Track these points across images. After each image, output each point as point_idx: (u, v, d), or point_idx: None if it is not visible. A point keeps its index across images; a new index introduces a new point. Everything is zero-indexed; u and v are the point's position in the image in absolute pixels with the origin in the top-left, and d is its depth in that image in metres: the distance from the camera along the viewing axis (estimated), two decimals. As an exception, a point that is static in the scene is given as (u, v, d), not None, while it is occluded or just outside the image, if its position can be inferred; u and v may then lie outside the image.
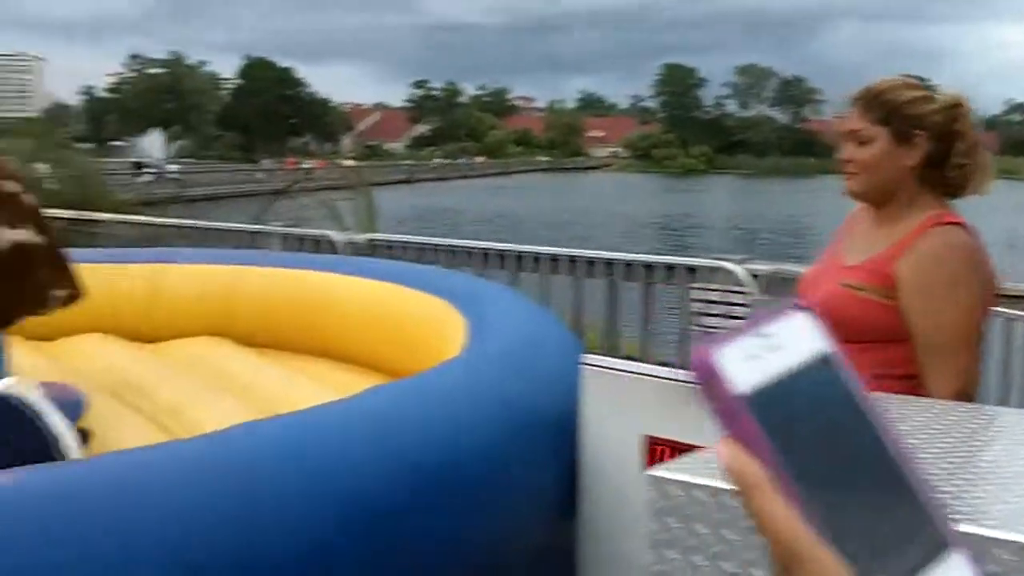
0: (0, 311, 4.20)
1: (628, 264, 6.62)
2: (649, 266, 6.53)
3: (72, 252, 4.66)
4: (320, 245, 7.34)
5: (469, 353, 3.83)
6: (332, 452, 2.74)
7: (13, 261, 4.24)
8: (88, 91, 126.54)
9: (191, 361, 5.51)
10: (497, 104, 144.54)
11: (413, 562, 2.82)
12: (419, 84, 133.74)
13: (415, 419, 3.03)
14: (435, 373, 3.55)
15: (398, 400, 3.20)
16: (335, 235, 7.49)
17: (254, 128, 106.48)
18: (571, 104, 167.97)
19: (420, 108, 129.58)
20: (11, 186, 4.31)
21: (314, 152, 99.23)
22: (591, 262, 6.78)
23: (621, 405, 3.30)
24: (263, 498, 2.52)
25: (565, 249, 7.03)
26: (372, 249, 7.28)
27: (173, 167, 46.93)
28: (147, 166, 41.53)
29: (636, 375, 3.34)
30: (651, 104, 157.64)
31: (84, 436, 3.72)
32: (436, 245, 7.50)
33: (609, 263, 6.70)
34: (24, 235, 4.29)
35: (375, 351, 5.37)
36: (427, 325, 4.88)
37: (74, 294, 4.56)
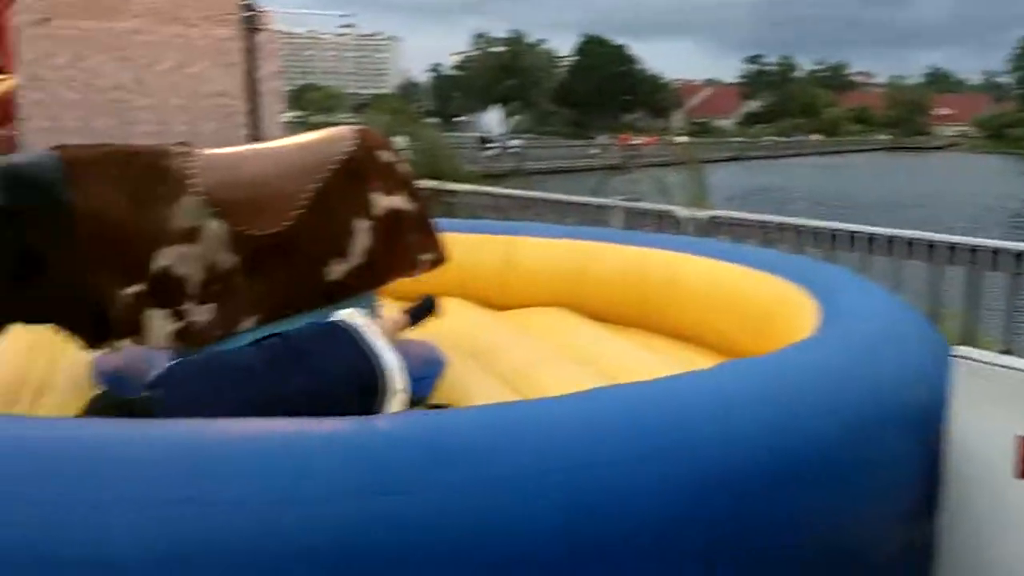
0: (374, 272, 4.57)
1: (995, 252, 6.17)
2: (1020, 255, 6.05)
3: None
4: (663, 220, 7.38)
5: (824, 336, 3.70)
6: (681, 423, 2.74)
7: (387, 226, 4.59)
8: (436, 69, 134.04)
9: (539, 329, 5.74)
10: (834, 80, 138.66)
11: (760, 544, 2.77)
12: (752, 59, 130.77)
13: (769, 397, 2.96)
14: (791, 351, 3.46)
15: (752, 376, 3.14)
16: (679, 210, 7.49)
17: (588, 104, 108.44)
18: (914, 80, 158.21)
19: (752, 84, 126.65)
20: (387, 156, 4.68)
21: (645, 128, 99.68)
22: (951, 248, 6.37)
23: (995, 403, 3.09)
24: (608, 464, 2.56)
25: (923, 232, 6.63)
26: (713, 226, 7.23)
27: (515, 142, 48.90)
28: (491, 141, 43.56)
29: (1015, 370, 3.10)
30: (1007, 80, 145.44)
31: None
32: (780, 224, 7.33)
33: (973, 249, 6.27)
34: (398, 202, 4.64)
35: (720, 332, 5.35)
36: (776, 308, 4.79)
37: (439, 259, 4.91)
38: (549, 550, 2.41)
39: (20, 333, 4.48)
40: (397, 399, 3.59)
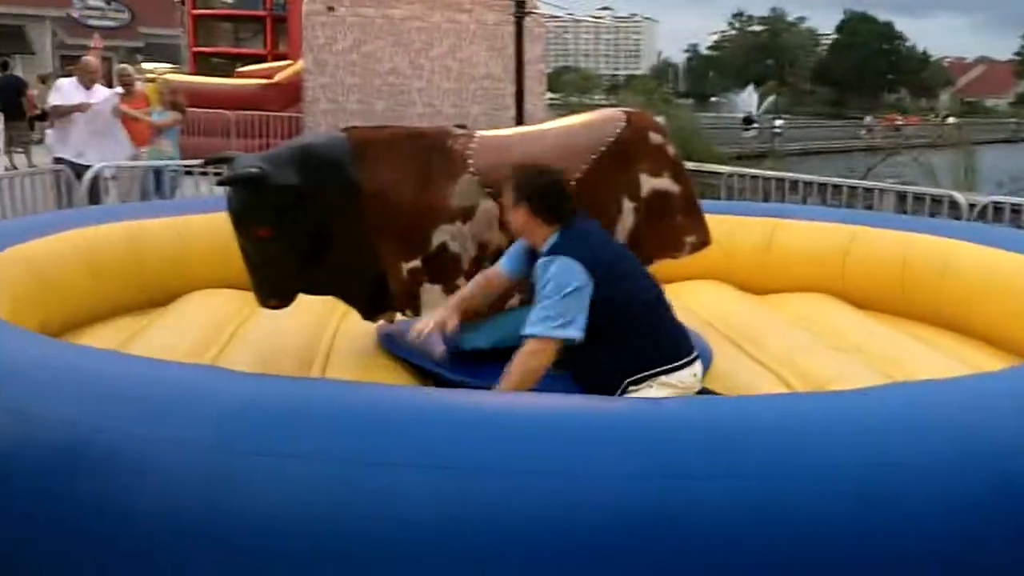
0: (639, 253, 4.57)
1: None
2: None
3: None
4: (940, 206, 7.00)
5: None
6: (982, 426, 2.58)
7: (653, 207, 4.62)
8: (693, 49, 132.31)
9: (802, 316, 5.60)
10: None
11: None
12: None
13: None
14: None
15: None
16: (959, 196, 7.06)
17: (847, 84, 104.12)
18: None
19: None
20: (656, 138, 4.66)
21: (909, 108, 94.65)
22: None
23: None
24: (901, 465, 2.47)
25: None
26: (994, 212, 6.81)
27: (778, 122, 47.64)
28: (753, 121, 42.77)
29: None
30: None
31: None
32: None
33: None
34: (664, 183, 4.63)
35: (1001, 326, 5.04)
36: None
37: (704, 241, 4.84)
38: (837, 549, 2.33)
39: (306, 304, 4.84)
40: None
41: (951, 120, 51.12)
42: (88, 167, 7.86)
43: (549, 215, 3.62)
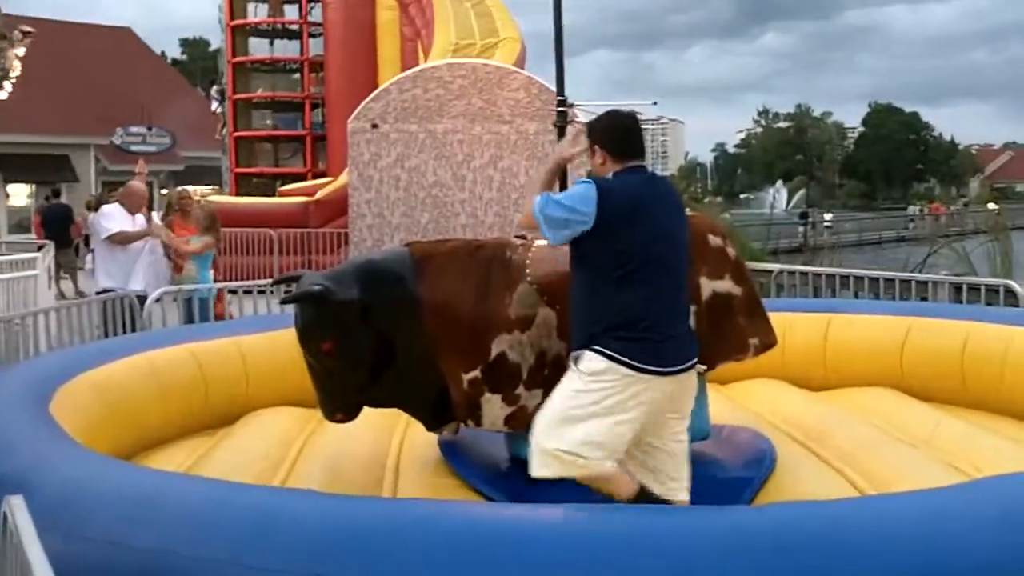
0: (703, 356, 4.55)
1: None
2: None
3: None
4: (996, 295, 6.95)
5: None
6: None
7: (715, 310, 4.57)
8: (720, 147, 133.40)
9: (864, 410, 5.55)
10: None
11: None
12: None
13: None
14: None
15: None
16: (1016, 285, 7.01)
17: (876, 175, 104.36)
18: None
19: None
20: (716, 240, 4.68)
21: (939, 197, 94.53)
22: None
23: None
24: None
25: None
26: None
27: (828, 216, 48.42)
28: (807, 216, 43.52)
29: None
30: None
31: None
32: None
33: None
34: (725, 285, 4.62)
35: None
36: None
37: (768, 343, 4.77)
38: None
39: (371, 416, 4.88)
40: None
41: (991, 206, 50.99)
42: (135, 293, 7.90)
43: (611, 153, 3.64)
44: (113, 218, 8.58)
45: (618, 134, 3.68)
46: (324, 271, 4.50)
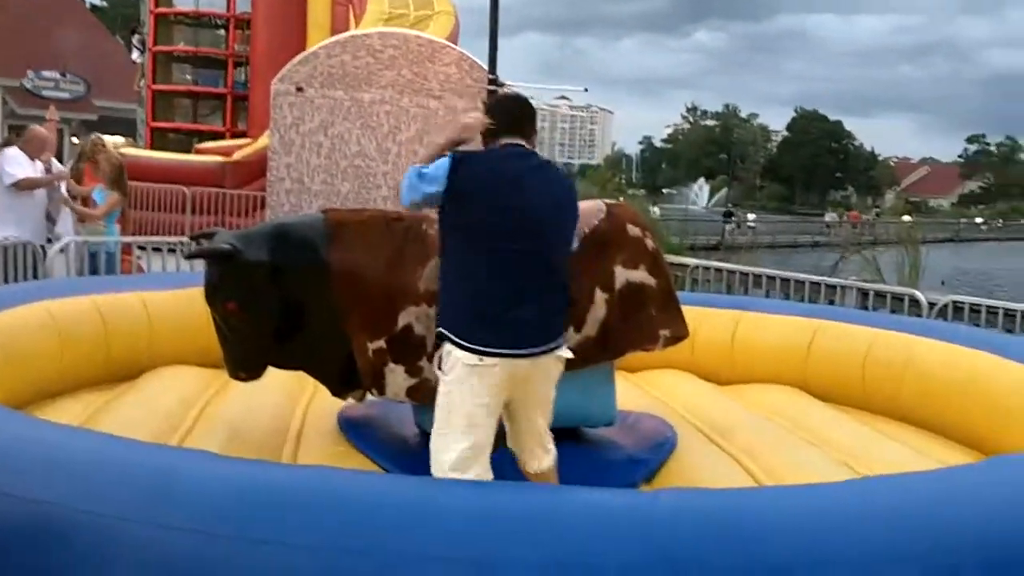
0: (608, 345, 4.58)
1: None
2: None
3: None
4: (901, 303, 7.13)
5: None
6: (950, 523, 2.61)
7: (627, 299, 4.61)
8: (647, 141, 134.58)
9: (767, 407, 5.65)
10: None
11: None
12: (974, 139, 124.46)
13: None
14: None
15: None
16: (920, 294, 7.21)
17: (796, 180, 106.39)
18: None
19: (972, 164, 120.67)
20: (635, 230, 4.71)
21: (856, 206, 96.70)
22: None
23: None
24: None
25: None
26: (953, 311, 6.94)
27: (751, 216, 49.74)
28: (733, 215, 44.60)
29: None
30: None
31: None
32: (1025, 312, 6.97)
33: None
34: (639, 276, 4.65)
35: (961, 421, 5.13)
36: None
37: (679, 335, 4.82)
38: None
39: (276, 380, 4.81)
40: None
41: (906, 219, 52.59)
42: (31, 242, 7.65)
43: (495, 127, 3.63)
44: (17, 163, 8.28)
45: (505, 111, 3.69)
46: (237, 231, 4.47)
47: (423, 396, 4.14)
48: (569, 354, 3.52)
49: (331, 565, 2.29)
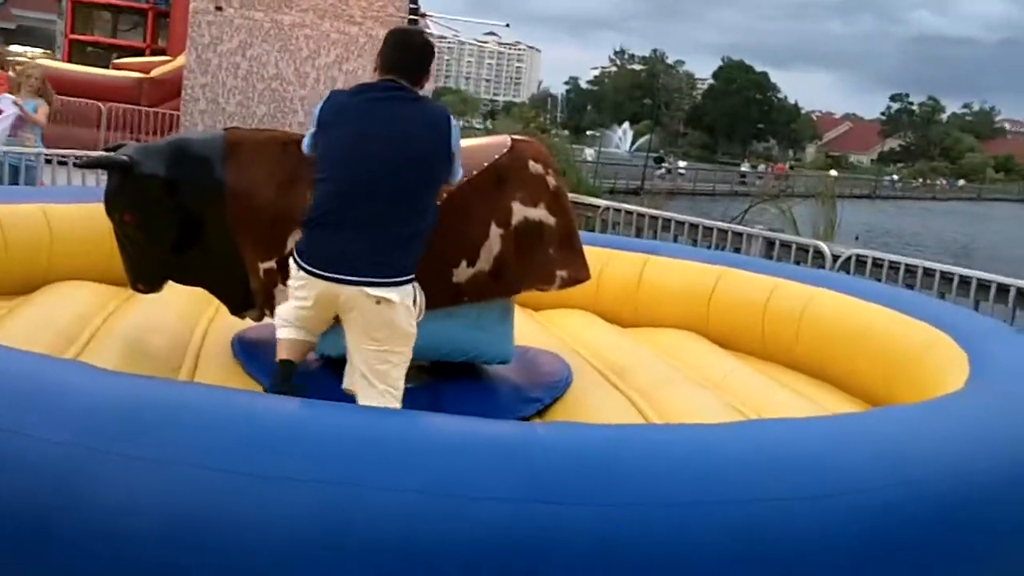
0: (502, 281, 4.53)
1: None
2: None
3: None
4: (806, 254, 7.26)
5: (979, 388, 3.61)
6: (838, 463, 2.67)
7: (524, 236, 4.55)
8: (573, 82, 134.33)
9: (666, 351, 5.73)
10: (980, 125, 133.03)
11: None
12: (896, 97, 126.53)
13: (930, 446, 2.90)
14: (946, 402, 3.41)
15: (916, 423, 3.09)
16: (824, 246, 7.33)
17: (719, 129, 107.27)
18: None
19: (894, 122, 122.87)
20: (537, 168, 4.65)
21: (776, 158, 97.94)
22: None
23: None
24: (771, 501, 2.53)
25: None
26: (857, 265, 7.07)
27: (682, 163, 50.28)
28: (663, 160, 44.98)
29: None
30: None
31: None
32: (927, 269, 7.18)
33: None
34: (539, 214, 4.59)
35: (854, 372, 5.27)
36: (920, 354, 4.68)
37: (579, 277, 4.78)
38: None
39: (179, 298, 4.76)
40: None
41: (833, 173, 53.52)
42: None
43: (376, 64, 3.78)
44: None
45: (388, 47, 3.76)
46: (140, 144, 4.53)
47: None
48: (387, 295, 3.52)
49: (192, 481, 2.29)
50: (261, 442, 2.37)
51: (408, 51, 3.73)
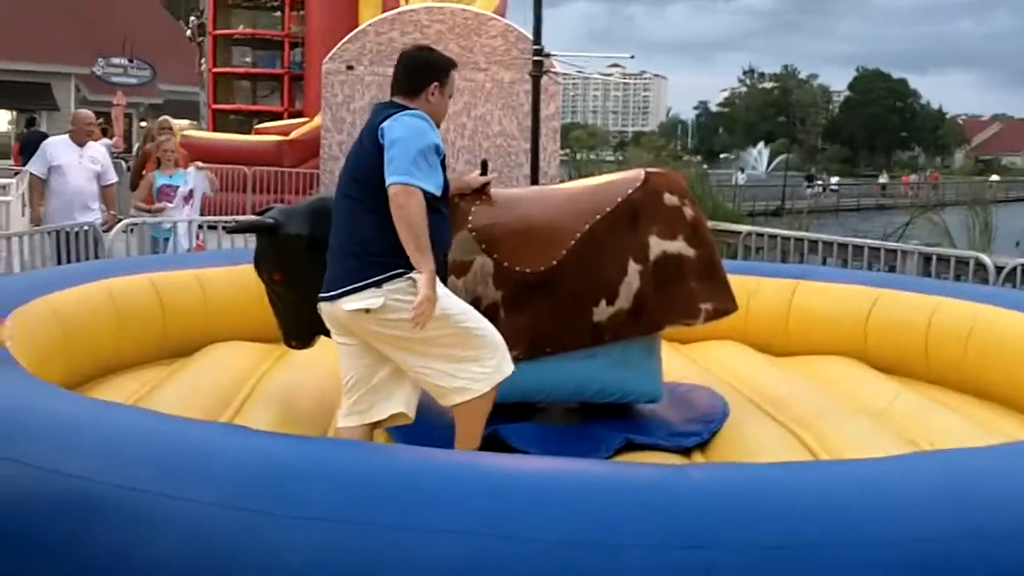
0: (643, 318, 4.42)
1: None
2: None
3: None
4: (966, 268, 6.88)
5: None
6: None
7: (663, 271, 4.43)
8: (702, 106, 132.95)
9: (824, 379, 5.53)
10: None
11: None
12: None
13: None
14: None
15: None
16: (987, 258, 6.92)
17: (859, 141, 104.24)
18: None
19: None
20: (672, 199, 4.53)
21: (923, 166, 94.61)
22: None
23: None
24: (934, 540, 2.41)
25: None
26: (1022, 276, 6.66)
27: (834, 179, 49.60)
28: (814, 179, 44.31)
29: None
30: None
31: None
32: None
33: None
34: (678, 247, 4.48)
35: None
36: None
37: (724, 309, 4.62)
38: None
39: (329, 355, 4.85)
40: None
41: (995, 177, 51.34)
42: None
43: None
44: (57, 149, 8.08)
45: (394, 73, 3.89)
46: (283, 206, 4.72)
47: None
48: (343, 306, 3.66)
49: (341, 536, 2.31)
50: (409, 495, 2.38)
51: (397, 68, 3.85)
